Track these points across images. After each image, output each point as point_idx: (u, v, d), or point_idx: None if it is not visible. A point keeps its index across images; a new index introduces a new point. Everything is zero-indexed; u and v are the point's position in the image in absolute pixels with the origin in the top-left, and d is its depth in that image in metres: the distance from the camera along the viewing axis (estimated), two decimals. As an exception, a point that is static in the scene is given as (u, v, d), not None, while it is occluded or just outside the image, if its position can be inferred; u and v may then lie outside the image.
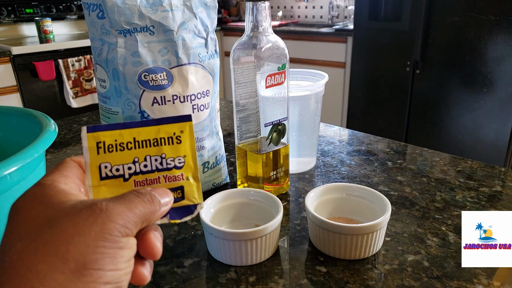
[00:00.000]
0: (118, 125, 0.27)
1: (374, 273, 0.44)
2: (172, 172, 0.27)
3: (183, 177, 0.27)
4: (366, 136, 0.83)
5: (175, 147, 0.27)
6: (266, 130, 0.56)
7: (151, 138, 0.27)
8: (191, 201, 0.27)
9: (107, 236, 0.22)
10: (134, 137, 0.27)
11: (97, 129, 0.27)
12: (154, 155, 0.27)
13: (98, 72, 0.52)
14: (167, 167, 0.27)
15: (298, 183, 0.64)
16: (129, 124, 0.27)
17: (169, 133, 0.27)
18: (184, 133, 0.28)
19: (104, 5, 0.47)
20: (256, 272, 0.45)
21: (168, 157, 0.27)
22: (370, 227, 0.44)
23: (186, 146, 0.28)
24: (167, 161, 0.27)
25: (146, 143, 0.27)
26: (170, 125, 0.28)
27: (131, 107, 0.51)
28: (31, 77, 2.31)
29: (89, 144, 0.26)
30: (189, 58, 0.52)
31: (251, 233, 0.44)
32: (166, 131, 0.28)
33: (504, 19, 1.81)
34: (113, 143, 0.27)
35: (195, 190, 0.27)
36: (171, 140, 0.27)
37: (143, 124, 0.27)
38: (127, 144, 0.27)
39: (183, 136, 0.28)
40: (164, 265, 0.46)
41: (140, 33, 0.49)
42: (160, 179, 0.27)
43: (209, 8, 0.54)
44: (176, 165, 0.27)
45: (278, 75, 0.54)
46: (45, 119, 0.46)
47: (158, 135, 0.27)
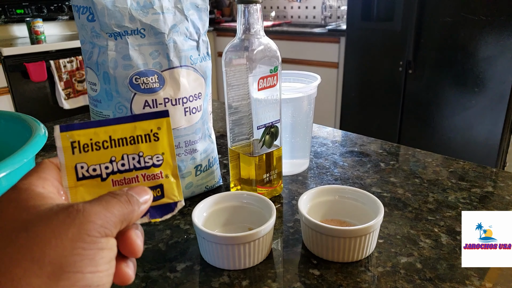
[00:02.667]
0: (93, 123, 0.26)
1: (367, 275, 0.44)
2: (150, 170, 0.27)
3: (162, 175, 0.27)
4: (359, 137, 0.83)
5: (152, 144, 0.27)
6: (258, 132, 0.56)
7: (128, 136, 0.26)
8: (171, 198, 0.27)
9: (85, 237, 0.22)
10: (110, 135, 0.26)
11: (70, 128, 0.26)
12: (131, 153, 0.26)
13: (89, 75, 0.52)
14: (145, 165, 0.27)
15: (291, 185, 0.64)
16: (104, 122, 0.26)
17: (146, 130, 0.27)
18: (161, 130, 0.27)
19: (94, 8, 0.46)
20: (249, 276, 0.44)
21: (146, 155, 0.27)
22: (363, 230, 0.44)
23: (164, 143, 0.27)
24: (145, 159, 0.27)
25: (122, 141, 0.26)
26: (147, 122, 0.27)
27: (122, 111, 0.50)
28: (22, 78, 2.28)
29: (63, 144, 0.25)
30: (181, 61, 0.52)
31: (243, 237, 0.44)
32: (142, 128, 0.27)
33: (495, 19, 1.82)
34: (88, 142, 0.26)
35: (174, 187, 0.27)
36: (148, 137, 0.27)
37: (119, 121, 0.26)
38: (103, 143, 0.26)
39: (161, 133, 0.27)
40: (156, 269, 0.46)
41: (131, 36, 0.49)
42: (138, 178, 0.27)
43: (200, 10, 0.54)
44: (154, 163, 0.27)
45: (270, 78, 0.54)
46: (34, 123, 0.45)
47: (135, 132, 0.27)
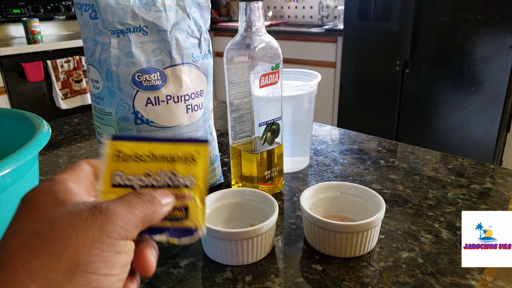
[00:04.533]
0: (140, 137, 0.28)
1: (370, 270, 0.44)
2: (180, 190, 0.27)
3: (190, 197, 0.27)
4: (358, 135, 0.84)
5: (188, 166, 0.27)
6: (260, 129, 0.56)
7: (167, 154, 0.28)
8: (194, 223, 0.27)
9: (104, 238, 0.22)
10: (151, 150, 0.27)
11: (119, 138, 0.28)
12: (167, 170, 0.27)
13: (91, 72, 0.52)
14: (177, 184, 0.27)
15: (292, 182, 0.65)
16: (150, 138, 0.28)
17: (185, 152, 0.28)
18: (200, 155, 0.28)
19: (97, 5, 0.47)
20: (252, 271, 0.45)
21: (180, 175, 0.27)
22: (364, 225, 0.44)
23: (200, 169, 0.27)
24: (177, 178, 0.27)
25: (161, 158, 0.27)
26: (188, 145, 0.28)
27: (125, 108, 0.51)
28: (19, 79, 2.27)
29: (109, 151, 0.27)
30: (183, 58, 0.52)
31: (246, 233, 0.44)
32: (182, 149, 0.28)
33: (491, 19, 1.84)
34: (131, 153, 0.27)
35: (199, 212, 0.27)
36: (185, 158, 0.27)
37: (162, 140, 0.28)
38: (143, 156, 0.27)
39: (198, 158, 0.28)
40: (159, 265, 0.46)
41: (134, 33, 0.49)
42: None
43: (202, 8, 0.54)
44: (186, 183, 0.27)
45: (272, 75, 0.54)
46: (37, 120, 0.45)
47: (175, 152, 0.28)
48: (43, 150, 0.79)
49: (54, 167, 0.73)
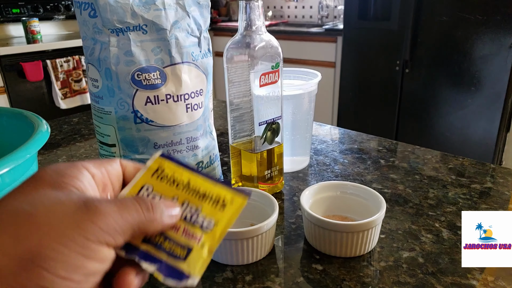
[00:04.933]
0: (187, 165, 0.28)
1: (370, 270, 0.44)
2: (194, 228, 0.25)
3: (199, 240, 0.24)
4: (358, 134, 0.84)
5: (215, 209, 0.26)
6: (260, 129, 0.56)
7: (202, 189, 0.27)
8: (189, 268, 0.24)
9: (77, 236, 0.20)
10: (190, 180, 0.27)
11: (168, 158, 0.28)
12: (193, 204, 0.26)
13: (90, 71, 0.51)
14: (194, 221, 0.25)
15: (292, 181, 0.64)
16: (195, 170, 0.28)
17: (219, 196, 0.26)
18: (232, 205, 0.26)
19: (96, 3, 0.46)
20: (252, 271, 0.45)
21: (202, 213, 0.26)
22: (365, 225, 0.44)
23: (225, 216, 0.25)
24: (198, 216, 0.26)
25: (194, 190, 0.27)
26: (226, 190, 0.26)
27: (124, 107, 0.50)
28: (18, 78, 2.27)
29: (153, 165, 0.28)
30: (182, 57, 0.52)
31: (246, 232, 0.44)
32: (218, 192, 0.26)
33: (491, 18, 1.83)
34: (170, 175, 0.27)
35: (201, 261, 0.24)
36: (216, 201, 0.26)
37: (206, 177, 0.27)
38: (179, 182, 0.27)
39: (229, 206, 0.26)
40: (159, 265, 0.46)
41: (133, 32, 0.49)
42: (179, 229, 0.25)
43: (202, 7, 0.54)
44: (203, 225, 0.25)
45: (272, 74, 0.54)
46: (37, 119, 0.45)
47: (210, 190, 0.26)
48: (42, 150, 0.79)
49: (54, 167, 0.73)
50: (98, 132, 0.54)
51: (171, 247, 0.24)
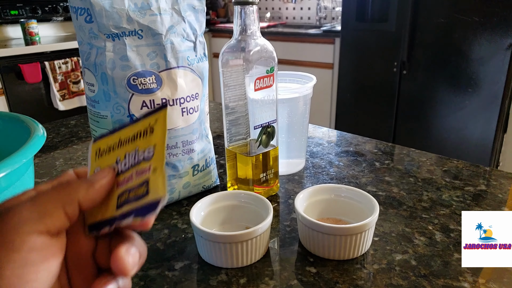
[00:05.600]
0: (114, 129, 0.28)
1: (363, 272, 0.44)
2: (141, 165, 0.26)
3: (150, 169, 0.25)
4: (354, 137, 0.84)
5: (147, 138, 0.26)
6: (255, 132, 0.56)
7: (131, 134, 0.27)
8: (154, 196, 0.24)
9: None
10: (120, 137, 0.27)
11: (99, 138, 0.28)
12: (131, 151, 0.26)
13: (87, 76, 0.52)
14: (138, 160, 0.26)
15: (287, 184, 0.65)
16: (121, 126, 0.28)
17: (145, 126, 0.27)
18: (157, 122, 0.26)
19: (92, 9, 0.47)
20: (246, 274, 0.45)
21: (140, 150, 0.26)
22: (358, 228, 0.44)
23: (158, 135, 0.26)
24: (139, 154, 0.26)
25: (126, 141, 0.27)
26: (148, 118, 0.27)
27: (120, 111, 0.51)
28: (16, 80, 2.27)
29: (92, 153, 0.28)
30: (178, 62, 0.52)
31: (241, 236, 0.44)
32: (143, 124, 0.27)
33: (488, 20, 1.84)
34: (105, 147, 0.28)
35: (160, 181, 0.24)
36: (145, 132, 0.26)
37: (130, 123, 0.28)
38: (113, 146, 0.28)
39: (156, 125, 0.26)
40: (154, 268, 0.46)
41: (129, 37, 0.49)
42: (132, 176, 0.26)
43: (197, 11, 0.54)
44: (145, 156, 0.26)
45: (267, 78, 0.55)
46: (33, 123, 0.45)
47: (137, 129, 0.27)
48: (39, 153, 0.80)
49: (51, 170, 0.73)
50: (94, 136, 0.55)
51: (135, 193, 0.25)
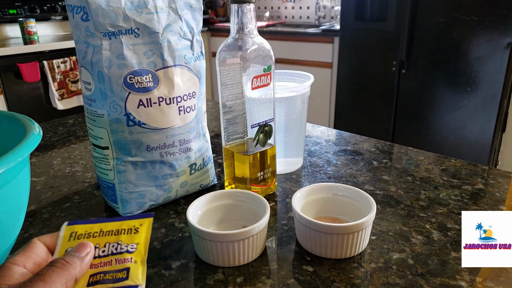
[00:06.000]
0: (93, 220, 0.33)
1: (360, 271, 0.44)
2: (123, 255, 0.31)
3: (131, 260, 0.31)
4: (352, 136, 0.84)
5: (132, 236, 0.32)
6: (252, 131, 0.56)
7: (114, 229, 0.32)
8: (134, 281, 0.30)
9: None
10: (101, 228, 0.32)
11: (75, 223, 0.32)
12: (113, 242, 0.31)
13: (83, 74, 0.52)
14: (120, 251, 0.31)
15: (285, 183, 0.65)
16: (102, 220, 0.33)
17: (130, 226, 0.32)
18: (142, 226, 0.32)
19: (89, 7, 0.47)
20: (243, 272, 0.45)
21: (124, 243, 0.31)
22: (355, 226, 0.44)
23: (142, 236, 0.32)
24: (121, 246, 0.31)
25: (109, 233, 0.32)
26: (133, 220, 0.33)
27: (117, 110, 0.51)
28: (15, 79, 2.27)
29: (64, 233, 0.32)
30: (175, 60, 0.52)
31: (238, 234, 0.44)
32: (128, 224, 0.33)
33: (487, 19, 1.84)
34: (83, 232, 0.32)
35: (139, 272, 0.30)
36: (130, 231, 0.32)
37: (113, 220, 0.33)
38: (93, 233, 0.32)
39: (141, 228, 0.32)
40: (151, 267, 0.46)
41: (125, 35, 0.49)
42: (112, 262, 0.31)
43: (194, 10, 0.54)
44: (129, 250, 0.31)
45: (264, 77, 0.54)
46: (29, 122, 0.45)
47: (121, 227, 0.32)
48: (36, 152, 0.79)
49: (48, 169, 0.73)
50: (91, 135, 0.54)
51: (113, 276, 0.30)
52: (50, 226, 0.55)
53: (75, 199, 0.62)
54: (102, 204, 0.60)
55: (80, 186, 0.66)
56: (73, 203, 0.61)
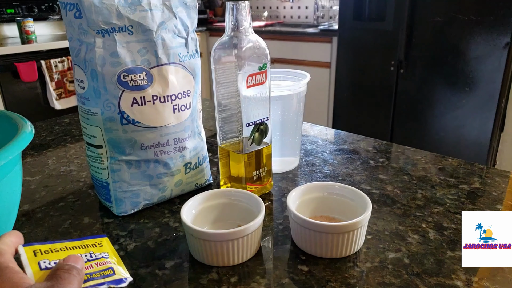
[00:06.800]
0: (49, 242, 0.34)
1: (355, 271, 0.44)
2: (101, 259, 0.35)
3: (111, 262, 0.35)
4: (349, 135, 0.84)
5: (98, 248, 0.36)
6: (248, 130, 0.56)
7: (79, 244, 0.35)
8: (121, 275, 0.34)
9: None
10: (65, 245, 0.34)
11: (31, 245, 0.33)
12: (85, 253, 0.34)
13: (77, 72, 0.51)
14: (97, 257, 0.34)
15: (281, 182, 0.64)
16: (57, 241, 0.35)
17: (92, 242, 0.36)
18: (102, 242, 0.37)
19: (82, 4, 0.46)
20: (238, 272, 0.44)
21: (96, 252, 0.35)
22: (351, 225, 0.44)
23: (108, 248, 0.36)
24: (95, 254, 0.35)
25: (76, 247, 0.35)
26: (91, 240, 0.36)
27: (111, 108, 0.50)
28: (12, 79, 2.26)
29: (28, 254, 0.32)
30: (169, 58, 0.52)
31: (232, 234, 0.44)
32: (89, 241, 0.36)
33: (485, 19, 1.84)
34: (47, 249, 0.33)
35: (122, 269, 0.34)
36: (94, 245, 0.36)
37: (71, 240, 0.35)
38: (60, 249, 0.34)
39: (104, 244, 0.36)
40: (145, 267, 0.46)
41: (119, 33, 0.48)
42: (93, 265, 0.34)
43: (189, 8, 0.54)
44: (103, 256, 0.35)
45: (259, 75, 0.54)
46: (21, 120, 0.45)
47: (84, 243, 0.36)
48: (31, 151, 0.79)
49: (43, 168, 0.72)
50: (85, 134, 0.54)
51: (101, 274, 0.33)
52: (44, 225, 0.54)
53: (69, 198, 0.61)
54: (96, 204, 0.60)
55: (75, 185, 0.66)
56: (68, 203, 0.60)
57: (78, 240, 0.36)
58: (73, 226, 0.54)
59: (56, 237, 0.51)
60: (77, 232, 0.53)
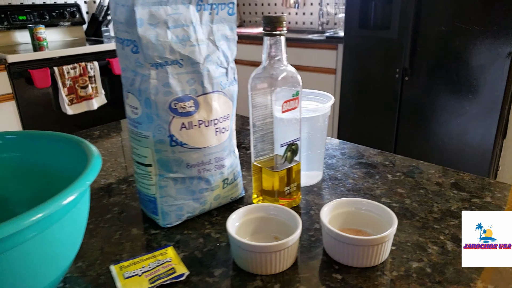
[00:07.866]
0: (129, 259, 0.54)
1: (384, 279, 0.50)
2: (166, 263, 0.52)
3: (173, 264, 0.52)
4: (366, 149, 0.89)
5: (164, 256, 0.54)
6: (281, 149, 0.62)
7: (149, 256, 0.54)
8: (181, 271, 0.51)
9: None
10: (140, 259, 0.54)
11: (118, 262, 0.53)
12: (153, 261, 0.52)
13: (130, 99, 0.57)
14: (162, 262, 0.52)
15: (308, 196, 0.70)
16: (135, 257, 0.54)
17: (159, 253, 0.54)
18: (167, 251, 0.55)
19: (140, 42, 0.52)
20: (279, 280, 0.50)
21: (162, 259, 0.53)
22: (380, 239, 0.50)
23: (171, 254, 0.54)
24: (161, 260, 0.52)
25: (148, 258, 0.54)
26: (158, 251, 0.55)
27: (161, 132, 0.56)
28: (26, 85, 2.32)
29: (117, 271, 0.51)
30: (213, 87, 0.58)
31: (275, 246, 0.49)
32: (156, 253, 0.54)
33: (488, 29, 1.90)
34: (129, 264, 0.52)
35: (181, 268, 0.51)
36: (161, 254, 0.54)
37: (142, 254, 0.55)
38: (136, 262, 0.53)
39: (168, 252, 0.55)
40: (195, 275, 0.51)
41: (171, 66, 0.54)
42: (159, 269, 0.51)
43: (229, 40, 0.59)
44: (167, 260, 0.52)
45: (293, 101, 0.60)
46: (87, 145, 0.50)
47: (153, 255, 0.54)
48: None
49: (84, 181, 0.78)
50: (135, 153, 0.60)
51: (165, 273, 0.50)
52: (97, 236, 0.60)
53: (115, 210, 0.67)
54: (140, 216, 0.65)
55: (117, 198, 0.71)
56: (114, 215, 0.66)
57: (148, 253, 0.54)
58: (124, 237, 0.60)
59: (110, 247, 0.57)
60: (129, 243, 0.58)
